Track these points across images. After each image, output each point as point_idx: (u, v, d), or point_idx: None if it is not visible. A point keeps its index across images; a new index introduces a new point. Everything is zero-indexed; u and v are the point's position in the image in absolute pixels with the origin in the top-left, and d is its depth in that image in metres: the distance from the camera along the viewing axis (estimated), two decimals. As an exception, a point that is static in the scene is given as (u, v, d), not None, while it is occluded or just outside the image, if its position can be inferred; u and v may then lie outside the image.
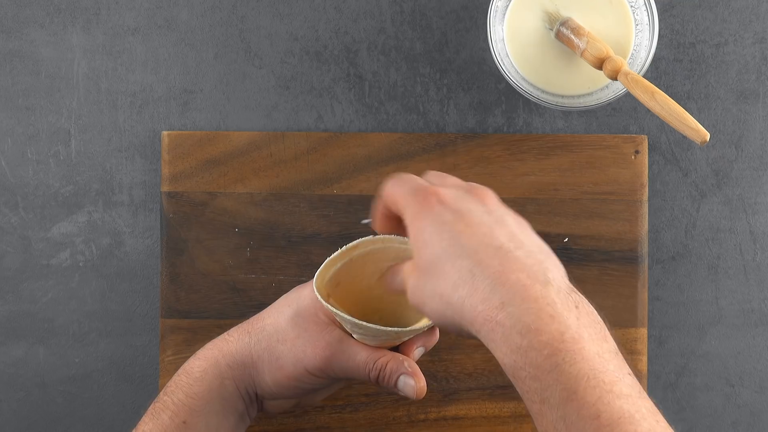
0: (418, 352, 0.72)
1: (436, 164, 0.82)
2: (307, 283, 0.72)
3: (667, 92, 0.79)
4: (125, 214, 0.84)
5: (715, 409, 0.84)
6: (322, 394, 0.76)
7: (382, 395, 0.82)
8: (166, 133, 0.83)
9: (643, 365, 0.82)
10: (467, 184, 0.66)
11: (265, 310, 0.73)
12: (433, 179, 0.66)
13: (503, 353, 0.58)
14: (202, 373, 0.71)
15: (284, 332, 0.70)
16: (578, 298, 0.59)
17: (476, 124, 0.84)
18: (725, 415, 0.84)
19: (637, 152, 0.82)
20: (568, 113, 0.84)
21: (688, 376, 0.84)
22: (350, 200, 0.83)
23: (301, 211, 0.83)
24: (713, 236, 0.84)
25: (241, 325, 0.73)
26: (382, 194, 0.67)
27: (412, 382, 0.69)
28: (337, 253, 0.69)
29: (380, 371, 0.69)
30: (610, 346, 0.58)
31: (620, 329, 0.81)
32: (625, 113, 0.84)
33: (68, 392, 0.84)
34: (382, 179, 0.82)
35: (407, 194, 0.64)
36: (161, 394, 0.71)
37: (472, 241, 0.60)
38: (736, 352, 0.84)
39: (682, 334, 0.84)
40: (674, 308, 0.84)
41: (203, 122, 0.85)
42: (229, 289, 0.83)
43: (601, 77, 0.79)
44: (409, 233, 0.64)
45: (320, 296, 0.68)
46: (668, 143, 0.84)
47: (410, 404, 0.82)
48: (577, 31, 0.77)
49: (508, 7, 0.79)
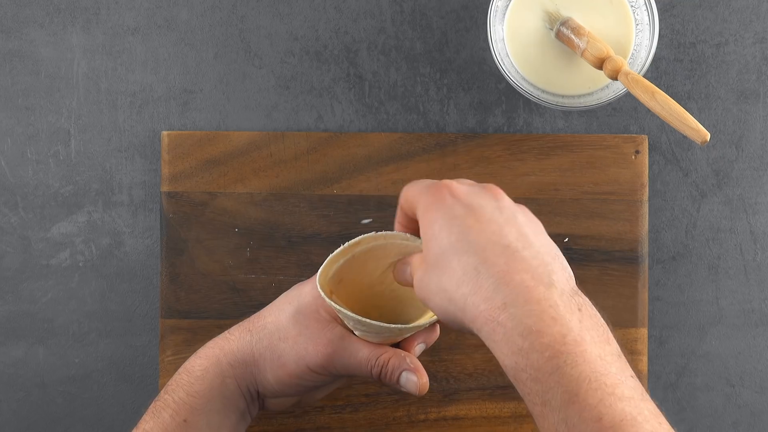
0: (419, 348, 0.72)
1: (436, 164, 0.82)
2: (307, 280, 0.72)
3: (667, 92, 0.79)
4: (125, 214, 0.84)
5: (715, 409, 0.84)
6: (323, 392, 0.76)
7: (382, 395, 0.82)
8: (165, 133, 0.83)
9: (643, 365, 0.82)
10: (481, 184, 0.66)
11: (266, 308, 0.73)
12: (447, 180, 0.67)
13: (504, 354, 0.58)
14: (203, 371, 0.70)
15: (286, 330, 0.70)
16: (582, 300, 0.59)
17: (476, 124, 0.84)
18: (726, 415, 0.84)
19: (637, 152, 0.82)
20: (568, 113, 0.84)
21: (688, 376, 0.84)
22: (350, 200, 0.83)
23: (301, 211, 0.83)
24: (714, 236, 0.84)
25: (242, 323, 0.73)
26: (399, 200, 0.67)
27: (414, 378, 0.69)
28: (339, 249, 0.69)
29: (382, 368, 0.69)
30: (612, 348, 0.58)
31: (620, 329, 0.81)
32: (625, 113, 0.84)
33: (68, 392, 0.84)
34: (382, 179, 0.82)
35: (421, 190, 0.65)
36: (162, 392, 0.71)
37: (480, 237, 0.60)
38: (736, 352, 0.84)
39: (682, 334, 0.84)
40: (675, 308, 0.84)
41: (203, 122, 0.84)
42: (229, 289, 0.83)
43: (601, 77, 0.79)
44: (420, 225, 0.64)
45: (323, 293, 0.68)
46: (669, 143, 0.84)
47: (410, 404, 0.82)
48: (577, 30, 0.77)
49: (508, 6, 0.79)
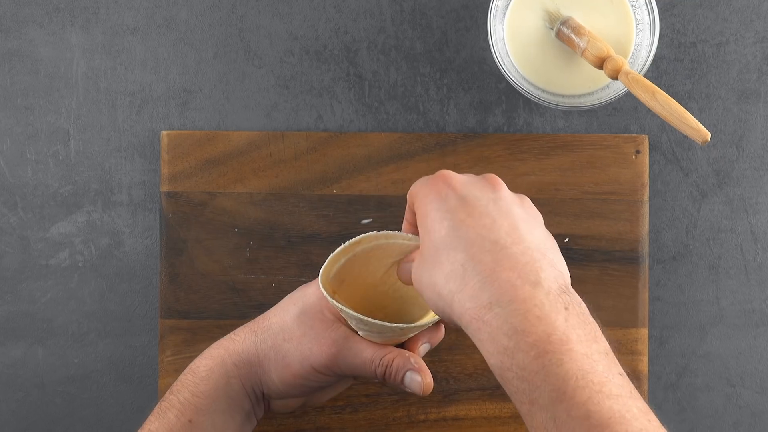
0: (423, 348, 0.72)
1: (436, 164, 0.82)
2: (311, 282, 0.73)
3: (667, 92, 0.79)
4: (124, 214, 0.84)
5: (716, 409, 0.84)
6: (328, 393, 0.76)
7: (382, 396, 0.82)
8: (165, 132, 0.83)
9: (643, 365, 0.82)
10: (482, 174, 0.66)
11: (270, 309, 0.73)
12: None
13: (490, 353, 0.58)
14: (208, 371, 0.71)
15: (290, 330, 0.70)
16: (569, 299, 0.59)
17: (476, 123, 0.84)
18: (726, 415, 0.84)
19: (637, 152, 0.82)
20: (568, 113, 0.84)
21: (688, 376, 0.84)
22: (350, 200, 0.82)
23: (300, 211, 0.82)
24: (714, 236, 0.84)
25: (246, 324, 0.73)
26: (407, 199, 0.67)
27: (418, 378, 0.69)
28: (340, 248, 0.69)
29: (387, 368, 0.69)
30: (600, 347, 0.58)
31: (621, 329, 0.81)
32: (625, 113, 0.84)
33: (67, 393, 0.84)
34: (382, 179, 0.82)
35: (421, 182, 0.66)
36: (167, 393, 0.71)
37: (469, 233, 0.60)
38: (737, 352, 0.84)
39: (682, 334, 0.84)
40: (675, 308, 0.84)
41: (203, 122, 0.84)
42: (228, 289, 0.82)
43: (601, 77, 0.78)
44: (416, 218, 0.64)
45: (325, 292, 0.67)
46: (669, 143, 0.84)
47: (410, 405, 0.82)
48: (577, 30, 0.77)
49: (508, 6, 0.79)
